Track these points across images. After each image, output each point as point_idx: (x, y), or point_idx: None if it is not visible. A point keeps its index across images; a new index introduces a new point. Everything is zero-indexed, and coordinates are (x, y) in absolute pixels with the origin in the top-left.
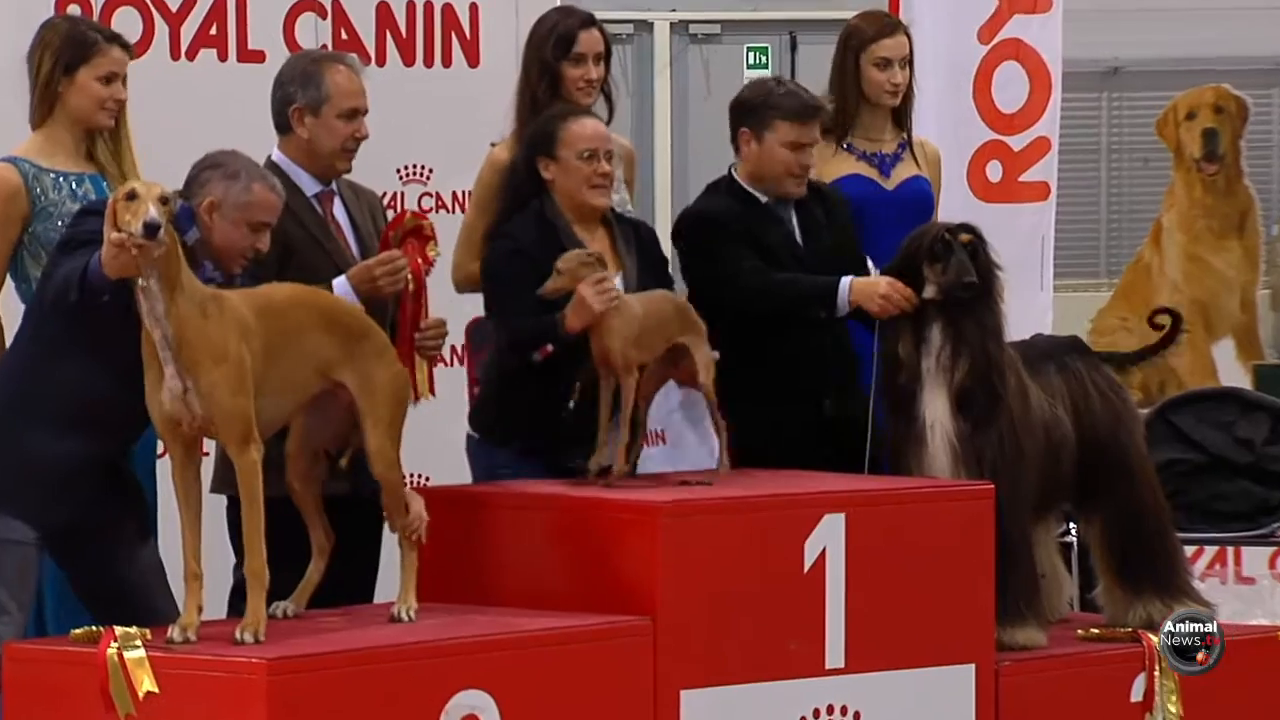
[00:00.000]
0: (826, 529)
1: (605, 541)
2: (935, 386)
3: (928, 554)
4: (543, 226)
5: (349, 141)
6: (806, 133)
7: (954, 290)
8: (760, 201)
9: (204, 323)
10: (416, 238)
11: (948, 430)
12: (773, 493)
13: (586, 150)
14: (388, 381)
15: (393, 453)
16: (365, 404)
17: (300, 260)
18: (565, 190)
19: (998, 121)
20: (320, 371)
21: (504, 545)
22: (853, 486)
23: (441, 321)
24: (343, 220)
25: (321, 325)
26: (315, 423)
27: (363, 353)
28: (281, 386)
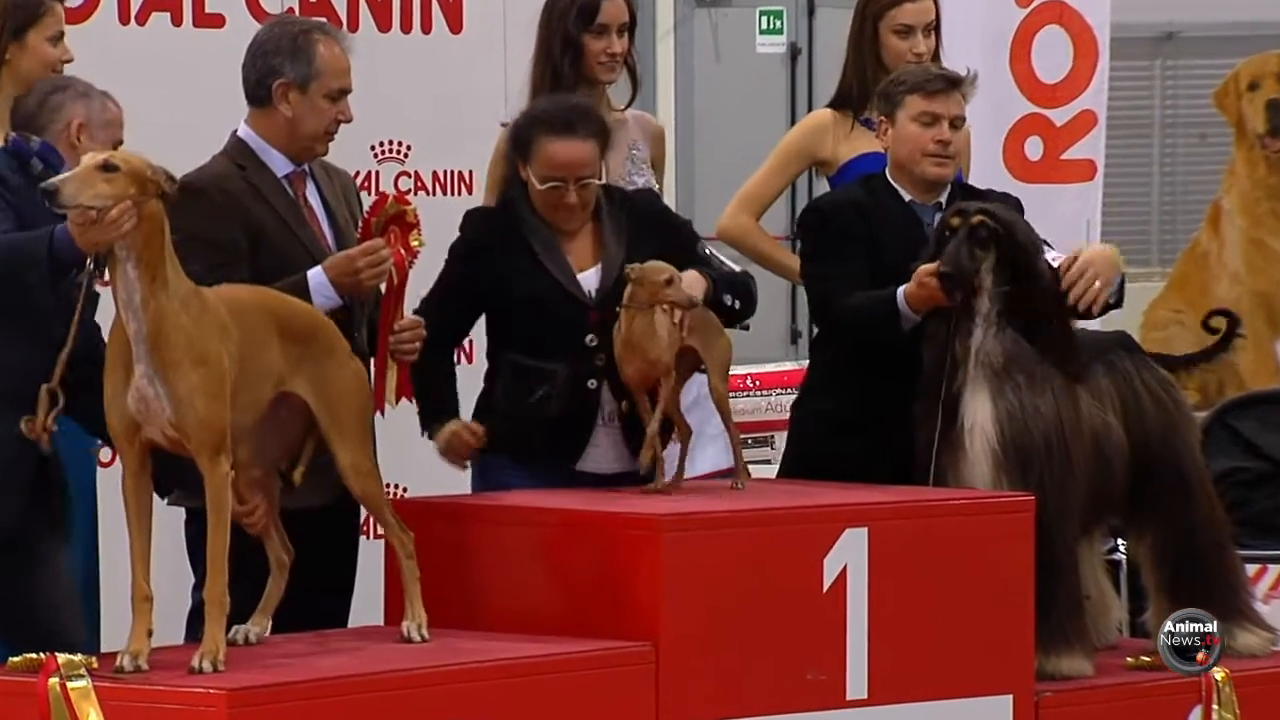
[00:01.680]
0: (847, 545)
1: (601, 558)
2: (977, 386)
3: (961, 572)
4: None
5: (333, 124)
6: (939, 104)
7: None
8: (901, 198)
9: (185, 320)
10: (399, 225)
11: (989, 435)
12: (787, 504)
13: (551, 179)
14: (345, 384)
15: (367, 462)
16: (325, 415)
17: (271, 249)
18: (534, 200)
19: (1038, 93)
20: (275, 384)
21: (490, 563)
22: (877, 498)
23: (418, 322)
24: (316, 204)
25: (277, 333)
26: (268, 431)
27: (312, 356)
28: (244, 401)
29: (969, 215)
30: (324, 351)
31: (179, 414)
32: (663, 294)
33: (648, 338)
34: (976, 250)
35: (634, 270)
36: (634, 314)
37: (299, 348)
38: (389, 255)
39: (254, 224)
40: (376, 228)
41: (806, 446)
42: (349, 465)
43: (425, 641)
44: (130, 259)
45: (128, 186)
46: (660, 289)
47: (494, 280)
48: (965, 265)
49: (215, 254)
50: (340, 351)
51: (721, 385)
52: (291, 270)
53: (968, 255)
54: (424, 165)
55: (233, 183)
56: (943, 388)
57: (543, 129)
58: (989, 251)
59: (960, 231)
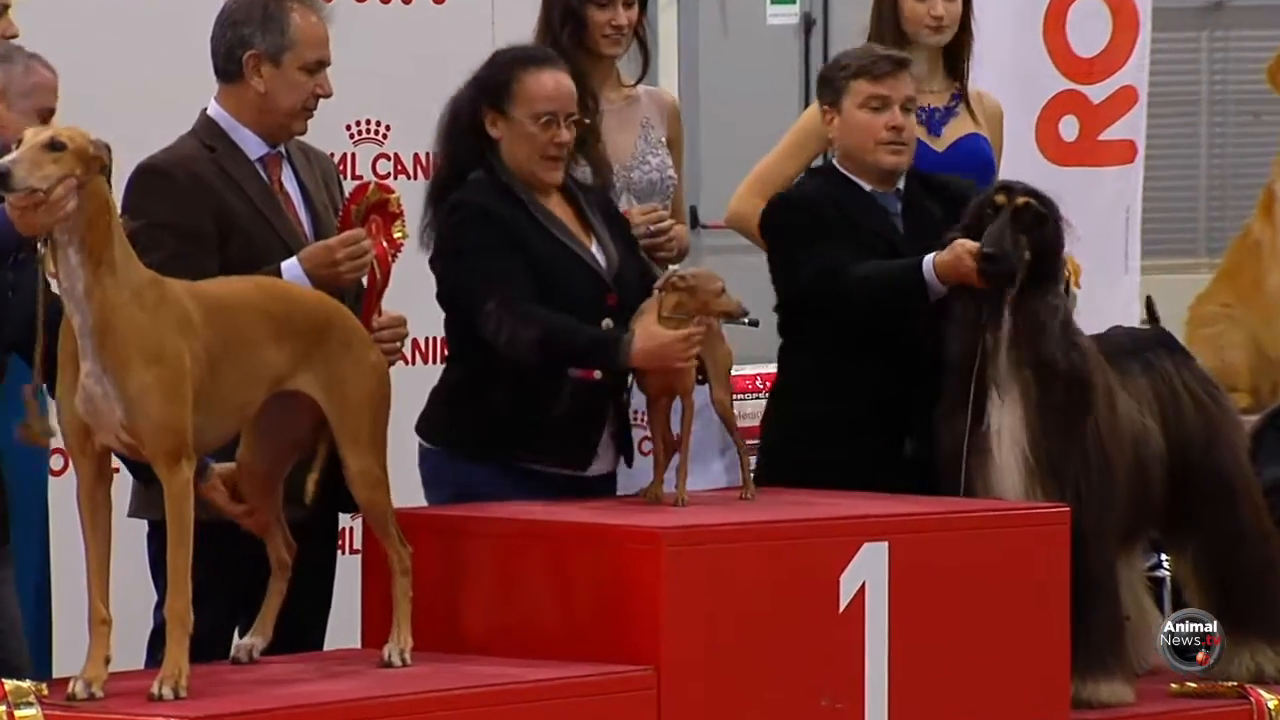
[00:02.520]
0: (866, 560)
1: (598, 575)
2: (1008, 385)
3: (990, 591)
4: (500, 191)
5: (310, 100)
6: (887, 86)
7: (981, 266)
8: (862, 189)
9: (137, 312)
10: (381, 215)
11: (1020, 440)
12: (800, 517)
13: (544, 113)
14: (360, 381)
15: (379, 470)
16: (336, 415)
17: (242, 238)
18: (512, 156)
19: (1074, 68)
20: (270, 386)
21: (477, 579)
22: (898, 509)
23: (400, 319)
24: (293, 189)
25: (273, 336)
26: (273, 430)
27: (324, 351)
28: (222, 405)
29: (1014, 195)
30: (339, 346)
31: (130, 416)
32: (716, 304)
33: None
34: (1021, 236)
35: (687, 277)
36: (676, 325)
37: (305, 343)
38: (370, 247)
39: (224, 210)
40: (357, 217)
41: (794, 455)
42: (358, 472)
43: (407, 666)
44: (73, 243)
45: (74, 165)
46: (714, 299)
47: (520, 248)
48: (1010, 250)
49: (181, 242)
50: (358, 345)
51: (725, 395)
52: (264, 261)
53: (1012, 239)
54: (404, 147)
55: (201, 165)
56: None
57: (520, 65)
58: (1030, 239)
59: (1004, 212)
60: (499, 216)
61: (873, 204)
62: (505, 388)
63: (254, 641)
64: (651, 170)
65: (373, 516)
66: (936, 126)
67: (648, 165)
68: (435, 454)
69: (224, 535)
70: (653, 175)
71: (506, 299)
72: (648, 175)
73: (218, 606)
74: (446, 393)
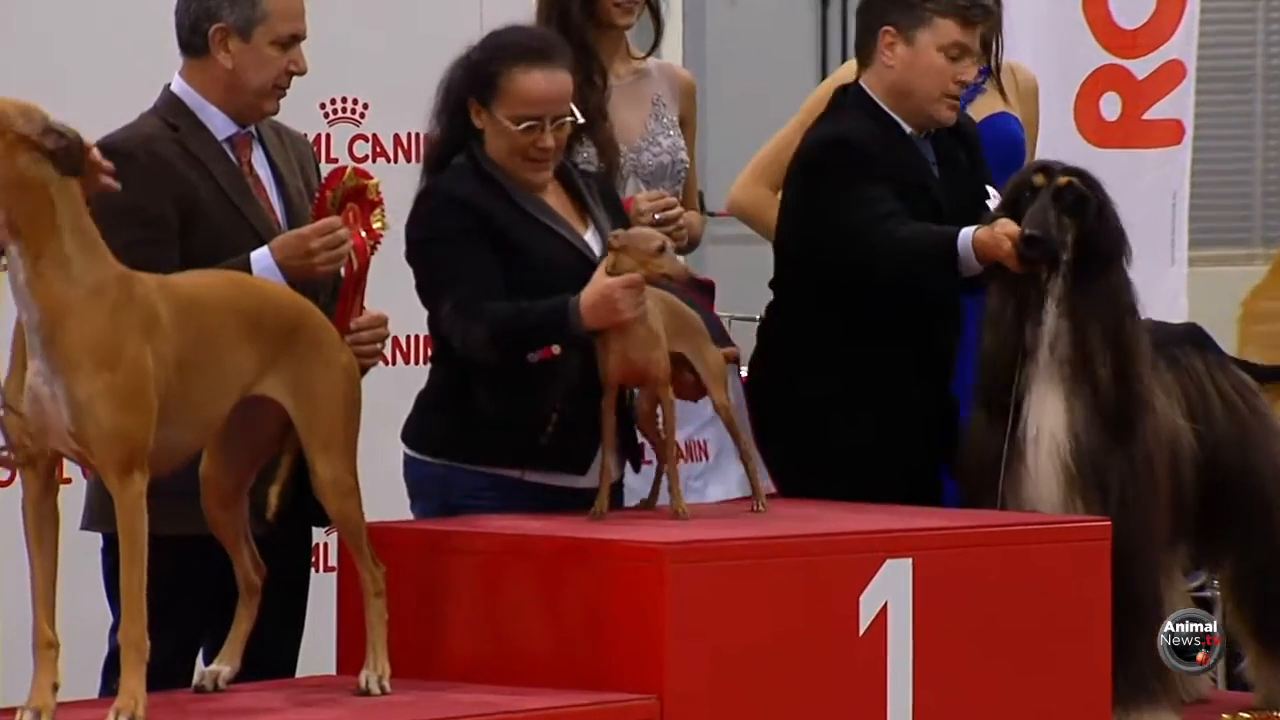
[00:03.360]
0: (888, 579)
1: (595, 595)
2: (1048, 383)
3: (1024, 613)
4: (481, 178)
5: (282, 77)
6: (970, 36)
7: (1021, 249)
8: (903, 130)
9: (94, 311)
10: (359, 203)
11: (1061, 444)
12: (816, 531)
13: (528, 118)
14: (331, 385)
15: (350, 478)
16: (304, 421)
17: (208, 225)
18: (494, 150)
19: (1116, 40)
20: (240, 392)
21: (463, 599)
22: (923, 522)
23: (380, 319)
24: (264, 173)
25: (245, 334)
26: (235, 434)
27: (292, 353)
28: (192, 414)
29: (1054, 175)
30: (308, 347)
31: (78, 422)
32: (653, 264)
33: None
34: (1065, 218)
35: (618, 237)
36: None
37: (274, 345)
38: (347, 236)
39: (188, 194)
40: (333, 203)
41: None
42: (328, 480)
43: (386, 694)
44: (8, 235)
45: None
46: (650, 259)
47: (496, 239)
48: (1053, 234)
49: (139, 229)
50: (328, 346)
51: (724, 398)
52: (232, 250)
53: (1055, 221)
54: (383, 127)
55: (163, 145)
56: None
57: (511, 60)
58: (1074, 222)
59: (1044, 193)
60: (472, 205)
61: (914, 151)
62: (491, 389)
63: (220, 669)
64: (662, 152)
65: (345, 530)
66: (962, 103)
67: (658, 147)
68: (421, 463)
69: (185, 550)
70: (663, 158)
71: (462, 299)
72: (658, 158)
73: (179, 629)
74: (431, 396)
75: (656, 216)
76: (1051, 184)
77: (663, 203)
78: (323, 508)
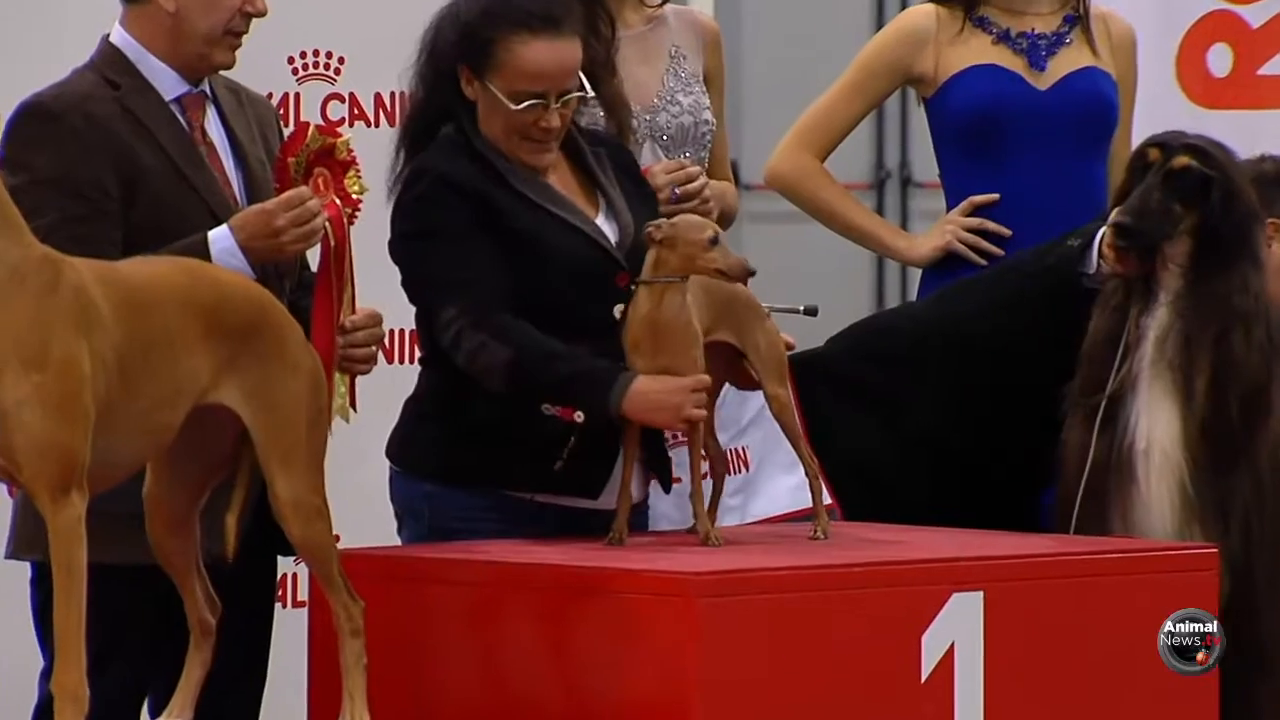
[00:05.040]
0: (956, 615)
1: (612, 633)
2: (1158, 389)
3: (1114, 655)
4: (471, 154)
5: (236, 20)
6: None
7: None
8: None
9: (16, 300)
10: (328, 165)
11: (1173, 459)
12: (870, 559)
13: (528, 94)
14: (295, 392)
15: (315, 499)
16: (264, 434)
17: (153, 199)
18: (487, 126)
19: None
20: (194, 399)
21: (457, 641)
22: (997, 549)
23: (375, 316)
24: (219, 139)
25: (201, 333)
26: (185, 448)
27: (253, 354)
28: (137, 423)
29: (1172, 152)
30: (271, 348)
31: (3, 433)
32: (704, 260)
33: (680, 326)
34: (1176, 205)
35: (661, 227)
36: (661, 291)
37: (233, 345)
38: (319, 208)
39: (130, 163)
40: (297, 170)
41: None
42: (289, 501)
43: None
44: None
45: None
46: (700, 253)
47: (497, 229)
48: (1152, 223)
49: (71, 203)
50: (292, 347)
51: (782, 389)
52: (182, 229)
53: (1159, 208)
54: (361, 85)
55: (101, 105)
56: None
57: (510, 26)
58: (1189, 210)
59: (1154, 172)
60: (467, 188)
61: None
62: (494, 397)
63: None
64: (682, 112)
65: (312, 559)
66: (1040, 58)
67: (677, 106)
68: (410, 481)
69: (130, 582)
70: (684, 119)
71: (470, 305)
72: (677, 119)
73: (122, 675)
74: (421, 403)
75: (676, 191)
76: (1165, 163)
77: (683, 173)
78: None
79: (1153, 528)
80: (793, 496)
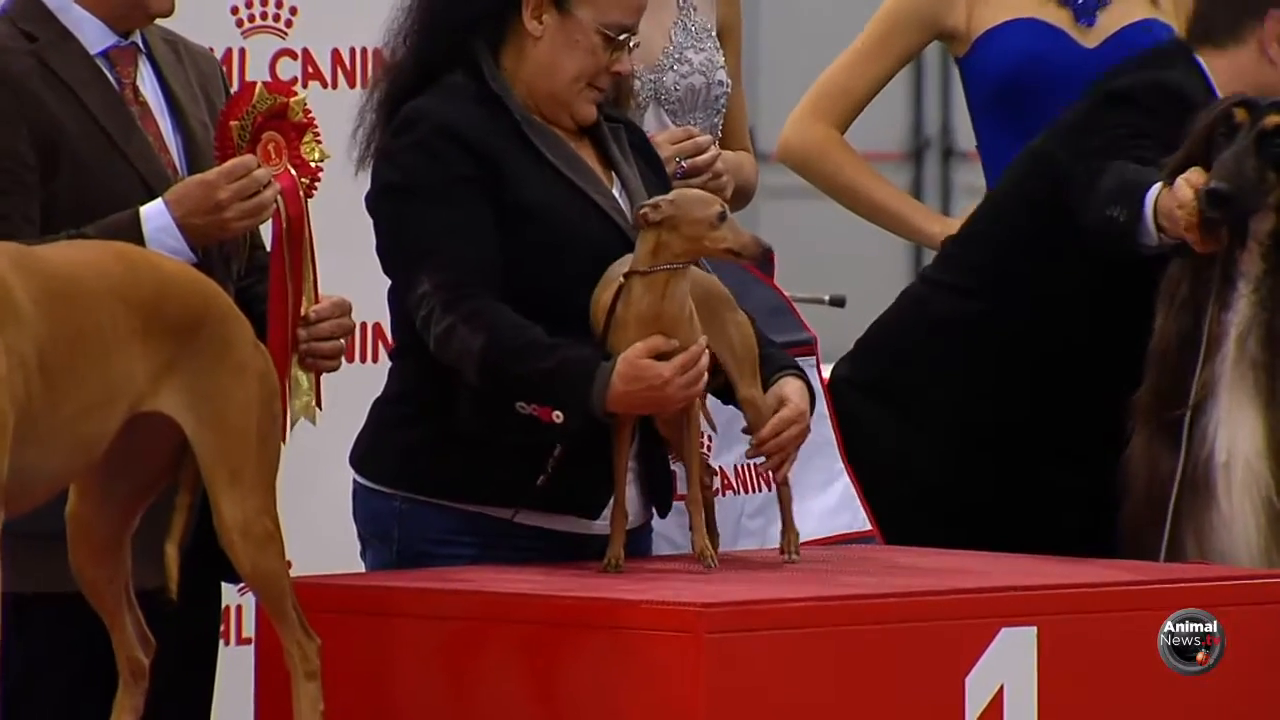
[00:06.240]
0: (1005, 654)
1: (607, 674)
2: (1240, 393)
3: (1185, 698)
4: (487, 102)
5: None
6: None
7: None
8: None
9: None
10: (281, 130)
11: (1257, 472)
12: (906, 589)
13: (620, 27)
14: (243, 395)
15: (266, 522)
16: (210, 447)
17: (78, 168)
18: (539, 69)
19: None
20: (130, 404)
21: (429, 682)
22: (1053, 577)
23: (342, 305)
24: (154, 100)
25: (139, 327)
26: (116, 463)
27: (195, 354)
28: (63, 433)
29: (1261, 112)
30: (215, 346)
31: None
32: (711, 241)
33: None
34: (1270, 171)
35: (659, 206)
36: (664, 281)
37: (173, 344)
38: (268, 178)
39: (49, 127)
40: (241, 135)
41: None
42: (237, 523)
43: None
44: None
45: None
46: (707, 233)
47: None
48: (1249, 189)
49: None
50: (240, 346)
51: (756, 392)
52: (111, 204)
53: (1255, 173)
54: (318, 41)
55: (15, 60)
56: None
57: None
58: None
59: (1244, 134)
60: (473, 141)
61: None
62: (477, 399)
63: None
64: (692, 72)
65: (262, 589)
66: (1089, 11)
67: (687, 65)
68: (377, 494)
69: (55, 614)
70: (694, 79)
71: (446, 280)
72: (686, 79)
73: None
74: (392, 405)
75: (682, 164)
76: (1256, 123)
77: (690, 143)
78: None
79: (1234, 551)
80: (823, 521)
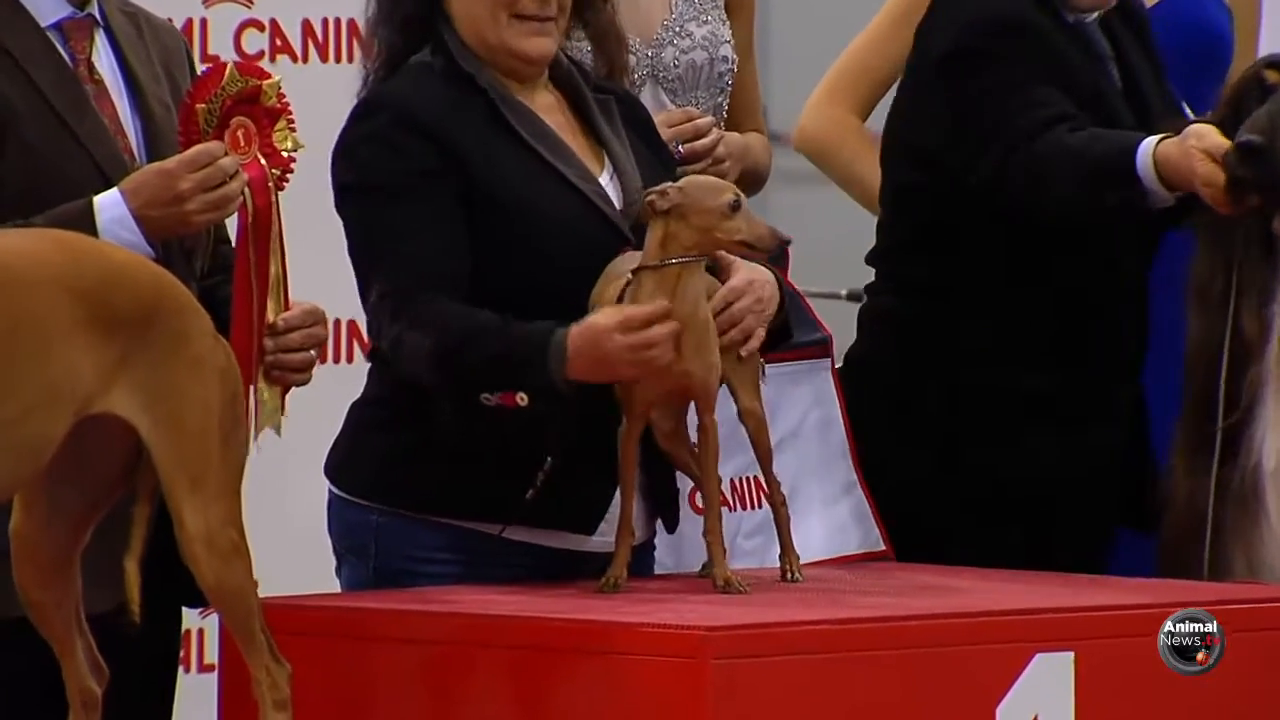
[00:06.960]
0: (1040, 681)
1: (605, 703)
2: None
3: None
4: (455, 80)
5: None
6: None
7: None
8: (1065, 19)
9: None
10: (251, 114)
11: None
12: (930, 610)
13: None
14: (203, 395)
15: (231, 533)
16: (167, 452)
17: (25, 152)
18: (469, 19)
19: None
20: (78, 408)
21: (417, 711)
22: (1091, 600)
23: (314, 313)
24: (111, 77)
25: (84, 324)
26: (64, 472)
27: (149, 349)
28: (4, 436)
29: None
30: (170, 341)
31: None
32: (723, 231)
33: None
34: None
35: (666, 194)
36: (676, 275)
37: (124, 338)
38: (235, 168)
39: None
40: (208, 120)
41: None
42: (199, 535)
43: None
44: None
45: None
46: (720, 223)
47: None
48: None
49: None
50: (197, 338)
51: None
52: (62, 190)
53: None
54: (286, 12)
55: None
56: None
57: None
58: None
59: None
60: (433, 125)
61: (1084, 42)
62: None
63: None
64: (694, 46)
65: (227, 610)
66: None
67: (688, 40)
68: (353, 507)
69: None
70: (695, 55)
71: (398, 288)
72: (687, 55)
73: None
74: (369, 411)
75: (680, 148)
76: None
77: (689, 126)
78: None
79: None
80: (829, 541)
